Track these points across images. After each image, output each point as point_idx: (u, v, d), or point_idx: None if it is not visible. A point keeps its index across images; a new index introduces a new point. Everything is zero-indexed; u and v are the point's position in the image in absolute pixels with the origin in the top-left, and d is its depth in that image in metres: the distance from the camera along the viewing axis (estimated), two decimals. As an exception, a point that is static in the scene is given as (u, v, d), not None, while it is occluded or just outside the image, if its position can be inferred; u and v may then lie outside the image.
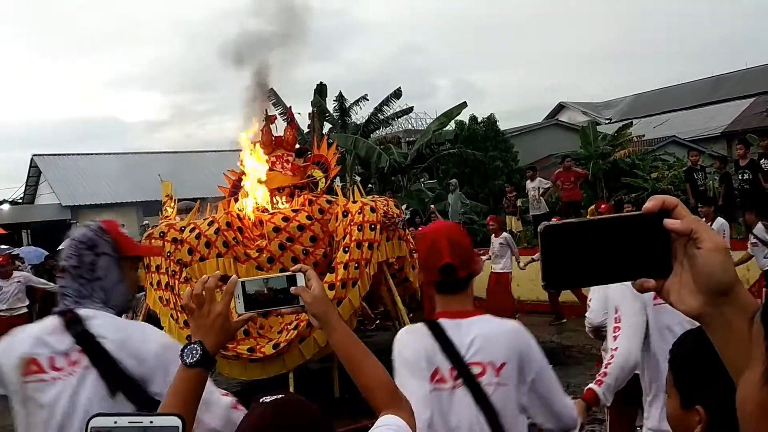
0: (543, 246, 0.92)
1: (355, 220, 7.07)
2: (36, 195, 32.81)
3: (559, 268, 0.92)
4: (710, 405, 1.28)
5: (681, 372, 1.35)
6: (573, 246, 0.90)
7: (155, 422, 1.38)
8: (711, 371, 1.26)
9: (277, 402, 1.45)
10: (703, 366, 1.28)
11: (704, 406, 1.28)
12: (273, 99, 19.10)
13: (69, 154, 32.55)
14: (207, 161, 28.87)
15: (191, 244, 7.02)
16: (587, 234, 0.91)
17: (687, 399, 1.32)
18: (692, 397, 1.31)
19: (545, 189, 14.71)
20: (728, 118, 27.27)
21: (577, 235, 0.91)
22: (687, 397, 1.32)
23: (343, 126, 21.73)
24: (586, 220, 0.94)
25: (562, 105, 39.51)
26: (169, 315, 6.94)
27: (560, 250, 0.91)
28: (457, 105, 20.96)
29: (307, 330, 6.65)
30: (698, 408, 1.29)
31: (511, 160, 21.58)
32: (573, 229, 0.92)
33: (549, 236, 0.91)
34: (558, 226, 0.92)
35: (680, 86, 36.63)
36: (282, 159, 8.01)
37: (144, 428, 1.36)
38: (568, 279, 0.94)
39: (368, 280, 6.89)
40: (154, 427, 1.37)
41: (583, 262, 0.90)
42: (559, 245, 0.91)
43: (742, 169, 11.63)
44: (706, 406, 1.28)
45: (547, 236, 0.91)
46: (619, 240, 0.89)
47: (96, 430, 1.38)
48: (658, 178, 16.73)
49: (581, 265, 0.91)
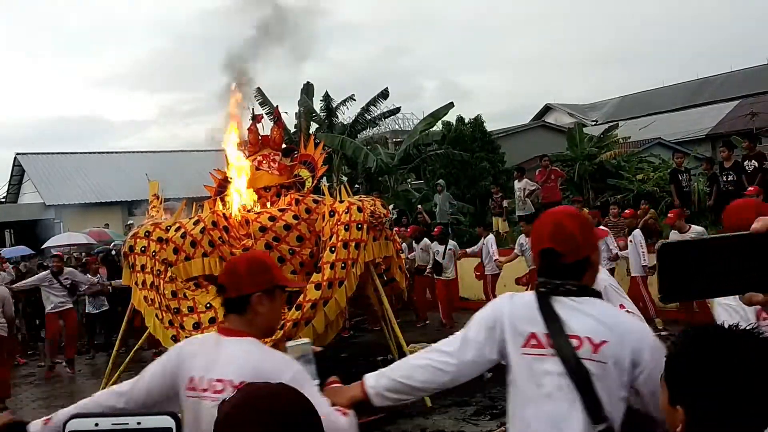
0: (661, 262, 1.03)
1: (341, 219, 7.04)
2: (19, 194, 32.53)
3: (676, 283, 1.01)
4: (690, 406, 1.30)
5: (671, 369, 1.36)
6: (688, 262, 1.00)
7: (143, 423, 1.29)
8: (697, 374, 1.29)
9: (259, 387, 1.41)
10: (690, 368, 1.30)
11: (685, 407, 1.31)
12: (259, 98, 19.06)
13: (53, 153, 32.27)
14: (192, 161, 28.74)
15: (177, 243, 6.96)
16: (702, 251, 1.01)
17: (673, 396, 1.34)
18: (677, 396, 1.34)
19: (531, 191, 14.80)
20: (713, 120, 27.51)
21: (692, 252, 1.02)
22: (673, 394, 1.35)
23: (330, 126, 21.67)
24: (701, 239, 1.05)
25: (549, 107, 39.72)
26: (154, 315, 6.88)
27: (676, 266, 1.01)
28: (444, 106, 20.95)
29: (293, 330, 6.61)
30: (678, 408, 1.32)
31: (498, 162, 21.61)
32: (689, 247, 1.03)
33: (666, 253, 1.01)
34: (675, 244, 1.02)
35: (666, 89, 36.95)
36: (269, 158, 7.97)
37: (130, 430, 1.27)
38: (684, 292, 1.06)
39: (355, 280, 6.86)
40: (142, 429, 1.28)
41: (697, 277, 1.00)
42: (675, 262, 1.00)
43: (727, 171, 11.71)
44: (687, 407, 1.30)
45: (665, 253, 1.01)
46: (731, 257, 1.00)
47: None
48: (644, 180, 16.83)
49: (696, 280, 1.00)
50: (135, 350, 8.03)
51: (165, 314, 6.74)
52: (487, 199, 17.56)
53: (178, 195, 13.86)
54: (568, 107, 39.15)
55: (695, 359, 1.30)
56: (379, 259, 7.49)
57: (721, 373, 1.26)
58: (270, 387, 1.40)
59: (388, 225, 7.92)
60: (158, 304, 6.84)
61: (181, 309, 6.70)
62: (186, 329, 6.58)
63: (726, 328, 1.30)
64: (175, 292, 6.80)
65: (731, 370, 1.25)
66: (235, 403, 1.34)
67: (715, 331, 1.31)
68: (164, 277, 6.92)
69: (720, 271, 1.01)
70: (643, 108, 33.51)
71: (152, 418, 1.30)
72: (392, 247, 7.70)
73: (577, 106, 40.05)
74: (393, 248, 7.73)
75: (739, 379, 1.24)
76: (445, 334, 2.47)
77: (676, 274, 1.02)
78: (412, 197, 20.12)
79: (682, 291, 1.05)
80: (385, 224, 7.60)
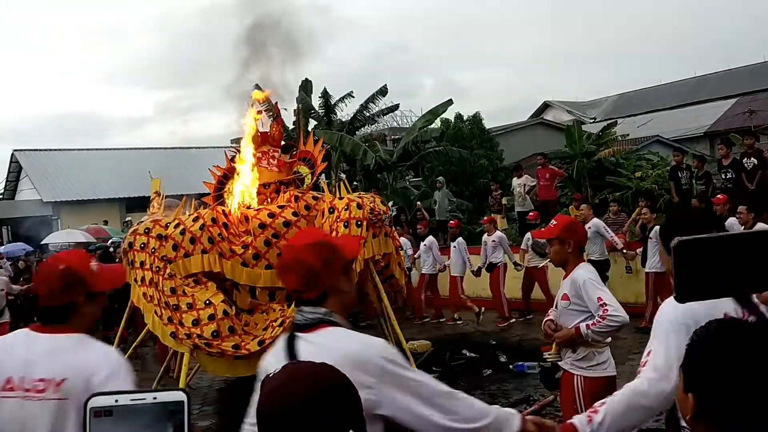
0: (676, 260, 0.97)
1: (341, 216, 7.04)
2: (17, 191, 32.46)
3: (692, 281, 0.98)
4: (700, 394, 1.35)
5: (689, 357, 1.40)
6: (705, 260, 0.96)
7: (159, 398, 1.39)
8: (710, 363, 1.33)
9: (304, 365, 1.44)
10: (705, 357, 1.34)
11: (695, 394, 1.36)
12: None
13: (50, 149, 32.22)
14: (192, 157, 28.71)
15: (176, 240, 6.94)
16: (718, 249, 0.97)
17: (687, 383, 1.39)
18: (690, 383, 1.38)
19: (531, 187, 14.86)
20: (711, 118, 27.53)
21: (709, 250, 0.97)
22: (687, 381, 1.39)
23: (329, 123, 21.63)
24: (717, 236, 1.00)
25: (547, 104, 39.72)
26: (153, 311, 6.86)
27: (692, 264, 0.97)
28: (443, 103, 20.91)
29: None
30: (690, 395, 1.36)
31: (497, 159, 21.60)
32: (705, 245, 0.97)
33: (682, 251, 0.97)
34: (691, 241, 0.98)
35: (664, 86, 36.96)
36: (268, 155, 7.95)
37: (147, 405, 1.38)
38: (700, 291, 1.03)
39: (354, 277, 6.84)
40: (158, 403, 1.39)
41: (714, 275, 0.97)
42: (691, 259, 0.97)
43: (725, 169, 11.71)
44: (697, 394, 1.35)
45: (680, 251, 0.97)
46: (748, 255, 0.95)
47: (96, 411, 1.39)
48: (642, 178, 16.81)
49: (712, 278, 0.97)
50: (134, 347, 8.03)
51: (164, 311, 6.73)
52: (486, 197, 17.56)
53: (176, 192, 13.83)
54: (567, 104, 39.15)
55: (711, 349, 1.34)
56: (379, 256, 7.49)
57: (733, 363, 1.30)
58: (310, 365, 1.44)
59: (388, 222, 7.92)
60: (157, 300, 6.82)
61: (180, 306, 6.69)
62: (185, 326, 6.57)
63: (745, 321, 1.33)
64: (174, 289, 6.78)
65: (744, 361, 1.29)
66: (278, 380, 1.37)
67: (735, 324, 1.35)
68: (163, 274, 6.89)
69: (738, 270, 0.98)
70: (641, 105, 33.53)
71: (166, 394, 1.40)
72: (392, 244, 7.70)
73: (576, 103, 40.04)
74: (392, 245, 7.73)
75: (751, 371, 1.27)
76: (445, 331, 2.47)
77: (692, 273, 1.00)
78: (411, 194, 20.12)
79: (698, 290, 1.02)
80: (385, 221, 7.60)
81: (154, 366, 9.68)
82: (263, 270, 6.90)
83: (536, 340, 9.65)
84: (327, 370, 1.40)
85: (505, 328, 11.06)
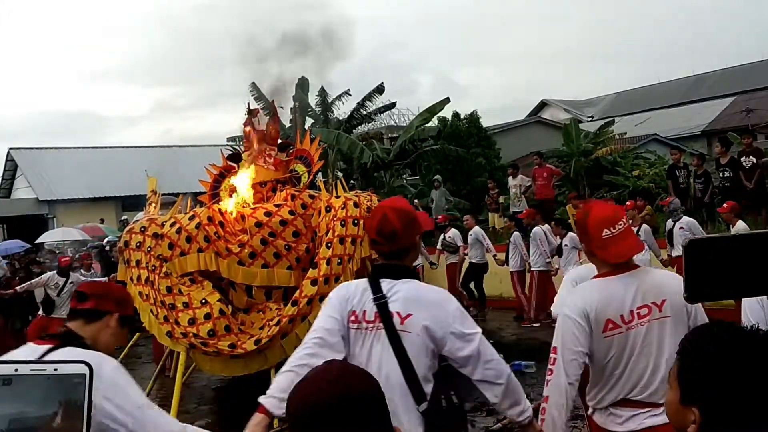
0: (687, 260, 0.95)
1: (338, 215, 7.00)
2: (12, 189, 32.33)
3: (703, 282, 0.95)
4: (707, 407, 1.28)
5: (687, 367, 1.33)
6: (717, 260, 0.94)
7: (60, 369, 1.39)
8: (716, 373, 1.26)
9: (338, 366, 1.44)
10: (709, 366, 1.28)
11: (700, 408, 1.28)
12: (255, 93, 18.95)
13: (46, 147, 32.08)
14: (187, 156, 28.64)
15: (172, 239, 6.91)
16: (731, 249, 0.94)
17: (687, 395, 1.32)
18: (692, 395, 1.31)
19: (527, 187, 14.82)
20: (709, 116, 27.52)
21: (721, 250, 0.95)
22: (687, 393, 1.32)
23: (326, 121, 21.57)
24: (729, 236, 0.98)
25: (545, 102, 39.67)
26: (149, 310, 6.83)
27: (704, 265, 0.94)
28: (440, 101, 20.87)
29: (288, 326, 6.58)
30: (694, 410, 1.29)
31: (494, 157, 21.57)
32: (717, 245, 0.95)
33: (693, 251, 0.95)
34: (702, 240, 0.96)
35: (661, 85, 36.95)
36: (264, 153, 7.92)
37: (48, 376, 1.38)
38: (712, 292, 1.00)
39: (351, 276, 6.81)
40: (59, 374, 1.39)
41: (726, 275, 0.94)
42: (703, 260, 0.94)
43: (723, 167, 11.70)
44: (703, 408, 1.28)
45: (692, 251, 0.95)
46: (762, 255, 0.92)
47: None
48: (640, 176, 16.83)
49: (724, 279, 0.95)
50: (129, 346, 7.99)
51: (160, 310, 6.69)
52: (483, 195, 17.55)
53: (172, 190, 13.79)
54: (564, 103, 39.11)
55: (712, 359, 1.28)
56: (375, 255, 7.45)
57: (742, 374, 1.23)
58: (342, 366, 1.46)
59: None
60: (153, 299, 6.79)
61: (176, 305, 6.65)
62: (181, 325, 6.54)
63: (738, 327, 1.27)
64: (170, 288, 6.75)
65: (752, 371, 1.23)
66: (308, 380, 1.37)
67: (731, 330, 1.28)
68: (159, 273, 6.86)
69: (751, 270, 0.94)
70: (638, 104, 33.50)
71: (68, 366, 1.40)
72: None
73: (573, 102, 40.00)
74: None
75: (760, 381, 1.21)
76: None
77: (703, 273, 0.96)
78: (408, 193, 20.07)
79: (710, 290, 0.98)
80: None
81: (150, 366, 9.66)
82: (259, 269, 6.87)
83: (534, 340, 9.65)
84: (359, 377, 1.40)
85: (503, 327, 11.07)
